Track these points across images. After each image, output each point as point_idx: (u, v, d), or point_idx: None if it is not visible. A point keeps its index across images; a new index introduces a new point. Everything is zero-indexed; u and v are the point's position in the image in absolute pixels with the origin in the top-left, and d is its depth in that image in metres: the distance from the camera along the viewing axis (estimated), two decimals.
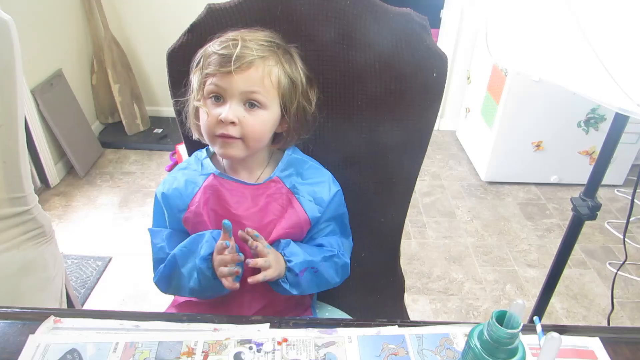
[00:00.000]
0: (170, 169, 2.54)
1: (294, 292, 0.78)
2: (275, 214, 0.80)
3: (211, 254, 0.75)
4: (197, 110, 0.77)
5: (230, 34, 0.74)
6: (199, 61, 0.75)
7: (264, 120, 0.74)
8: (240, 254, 0.73)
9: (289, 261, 0.76)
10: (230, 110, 0.71)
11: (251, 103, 0.73)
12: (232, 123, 0.72)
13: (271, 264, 0.73)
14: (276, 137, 0.81)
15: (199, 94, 0.75)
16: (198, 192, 0.79)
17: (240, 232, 0.73)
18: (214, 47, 0.73)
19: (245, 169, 0.81)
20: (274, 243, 0.80)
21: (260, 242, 0.73)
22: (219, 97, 0.73)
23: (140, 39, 2.74)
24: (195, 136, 0.81)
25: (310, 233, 0.84)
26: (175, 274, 0.79)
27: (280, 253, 0.77)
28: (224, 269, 0.72)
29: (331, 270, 0.82)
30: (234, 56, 0.70)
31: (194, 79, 0.76)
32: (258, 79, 0.72)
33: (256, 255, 0.73)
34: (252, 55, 0.71)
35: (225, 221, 0.71)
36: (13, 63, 0.86)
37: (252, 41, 0.72)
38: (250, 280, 0.71)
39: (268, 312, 0.85)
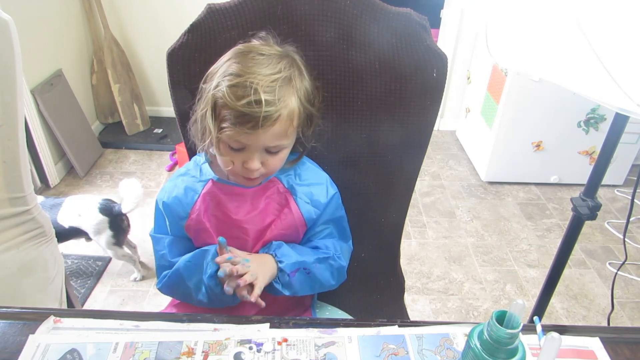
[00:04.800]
0: (171, 169, 2.54)
1: (286, 292, 0.78)
2: (275, 214, 0.80)
3: (218, 269, 0.75)
4: (213, 141, 0.72)
5: (242, 76, 0.67)
6: (209, 100, 0.70)
7: (285, 156, 0.76)
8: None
9: (280, 262, 0.77)
10: (256, 161, 0.72)
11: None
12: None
13: (256, 273, 0.73)
14: None
15: (216, 139, 0.71)
16: (198, 199, 0.79)
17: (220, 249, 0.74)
18: (229, 96, 0.66)
19: None
20: (266, 245, 0.80)
21: (236, 260, 0.73)
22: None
23: (140, 39, 2.74)
24: (199, 149, 0.78)
25: (307, 235, 0.84)
26: (181, 286, 0.79)
27: (272, 254, 0.78)
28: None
29: (326, 273, 0.82)
30: (261, 119, 0.66)
31: (208, 119, 0.70)
32: (282, 132, 0.71)
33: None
34: (277, 111, 0.68)
35: (220, 238, 0.73)
36: (13, 63, 0.86)
37: (269, 87, 0.67)
38: (253, 299, 0.72)
39: (268, 313, 0.85)
